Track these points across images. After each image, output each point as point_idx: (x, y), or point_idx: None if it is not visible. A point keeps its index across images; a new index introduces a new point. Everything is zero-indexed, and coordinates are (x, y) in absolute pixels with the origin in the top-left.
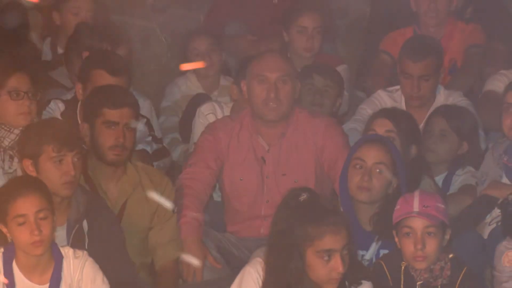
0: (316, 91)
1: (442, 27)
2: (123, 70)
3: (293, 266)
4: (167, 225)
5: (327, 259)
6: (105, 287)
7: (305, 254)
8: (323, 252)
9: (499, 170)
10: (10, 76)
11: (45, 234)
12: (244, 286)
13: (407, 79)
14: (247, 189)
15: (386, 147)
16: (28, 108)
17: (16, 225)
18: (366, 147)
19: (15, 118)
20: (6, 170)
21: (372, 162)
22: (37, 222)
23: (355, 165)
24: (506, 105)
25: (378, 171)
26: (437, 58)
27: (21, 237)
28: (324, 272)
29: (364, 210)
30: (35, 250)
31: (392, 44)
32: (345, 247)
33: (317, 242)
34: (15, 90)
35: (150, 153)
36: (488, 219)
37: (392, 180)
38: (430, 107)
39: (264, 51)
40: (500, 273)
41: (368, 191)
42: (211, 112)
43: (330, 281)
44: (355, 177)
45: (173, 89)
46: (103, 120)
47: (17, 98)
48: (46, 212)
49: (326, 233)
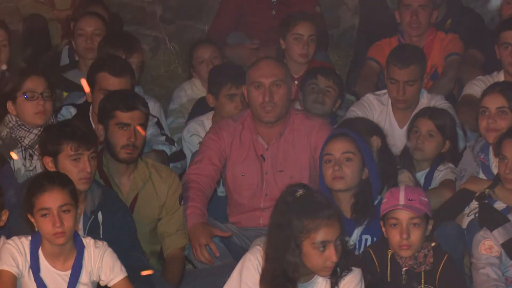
0: (319, 91)
1: (424, 37)
2: (124, 71)
3: (290, 256)
4: (174, 216)
5: (322, 250)
6: (122, 275)
7: (302, 245)
8: (319, 244)
9: (476, 167)
10: (26, 79)
11: (67, 226)
12: (244, 272)
13: (394, 84)
14: (248, 184)
15: (350, 138)
16: (43, 107)
17: (40, 217)
18: (332, 142)
19: (32, 118)
20: (27, 167)
21: (339, 153)
22: (60, 215)
23: (326, 161)
24: (482, 109)
25: (346, 160)
26: (421, 65)
27: (44, 228)
28: (319, 261)
29: (343, 199)
30: (57, 240)
31: (379, 52)
32: (338, 237)
33: (313, 234)
34: (31, 91)
35: (168, 155)
36: (466, 211)
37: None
38: (414, 109)
39: (260, 58)
40: (477, 260)
41: (341, 179)
42: (193, 134)
43: (324, 269)
44: (328, 170)
45: (180, 93)
46: (116, 121)
47: (32, 98)
48: (69, 206)
49: (321, 226)
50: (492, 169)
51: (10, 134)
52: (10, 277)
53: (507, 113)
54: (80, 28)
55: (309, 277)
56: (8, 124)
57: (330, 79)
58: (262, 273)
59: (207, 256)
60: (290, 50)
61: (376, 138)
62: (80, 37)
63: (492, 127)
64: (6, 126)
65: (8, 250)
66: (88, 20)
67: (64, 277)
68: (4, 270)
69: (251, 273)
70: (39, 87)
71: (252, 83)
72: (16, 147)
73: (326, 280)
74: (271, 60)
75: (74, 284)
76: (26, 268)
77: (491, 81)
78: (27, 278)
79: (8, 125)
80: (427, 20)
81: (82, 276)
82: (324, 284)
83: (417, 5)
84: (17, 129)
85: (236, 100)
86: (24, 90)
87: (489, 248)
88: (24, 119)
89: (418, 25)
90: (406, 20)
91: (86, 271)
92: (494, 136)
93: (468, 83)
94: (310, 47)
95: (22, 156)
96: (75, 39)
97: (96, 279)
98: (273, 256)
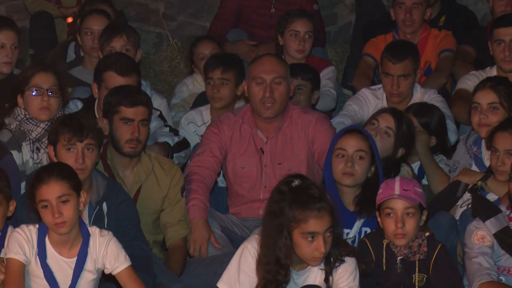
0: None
1: (417, 34)
2: (131, 70)
3: (281, 243)
4: (176, 207)
5: (311, 240)
6: (126, 264)
7: (293, 234)
8: (308, 234)
9: (469, 159)
10: (34, 74)
11: (66, 216)
12: (243, 260)
13: (388, 78)
14: (248, 176)
15: (364, 136)
16: (47, 103)
17: (41, 208)
18: (346, 138)
19: (37, 113)
20: (35, 160)
21: (352, 150)
22: (59, 206)
23: (337, 155)
24: (474, 104)
25: (359, 158)
26: (414, 59)
27: (46, 219)
28: (308, 251)
29: (347, 193)
30: (59, 230)
31: (374, 48)
32: (328, 230)
33: (302, 224)
34: (37, 87)
35: (171, 145)
36: (459, 202)
37: (371, 165)
38: (409, 103)
39: (262, 54)
40: (470, 249)
41: (351, 176)
42: (190, 121)
43: (313, 259)
44: (339, 165)
45: (181, 88)
46: (120, 117)
47: (37, 94)
48: (67, 197)
49: (311, 218)
50: (485, 161)
51: (19, 126)
52: (18, 264)
53: (498, 108)
54: (87, 27)
55: (303, 266)
56: (17, 117)
57: (298, 77)
58: (257, 260)
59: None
60: (287, 46)
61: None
62: (86, 36)
63: (484, 122)
64: (15, 119)
65: (15, 238)
66: (95, 19)
67: (70, 264)
68: (12, 258)
69: (249, 261)
70: (46, 83)
71: (253, 79)
72: (25, 140)
73: (321, 268)
74: (273, 56)
75: (79, 271)
76: (33, 255)
77: (484, 76)
78: (34, 264)
79: (17, 118)
80: (421, 17)
81: (88, 264)
82: (319, 274)
83: (410, 3)
84: (25, 122)
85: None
86: (31, 85)
87: (482, 238)
88: (30, 113)
89: (412, 23)
90: (400, 18)
91: (91, 259)
92: (486, 130)
93: (461, 78)
94: (306, 43)
95: (30, 148)
96: (81, 37)
97: (101, 267)
98: (267, 242)
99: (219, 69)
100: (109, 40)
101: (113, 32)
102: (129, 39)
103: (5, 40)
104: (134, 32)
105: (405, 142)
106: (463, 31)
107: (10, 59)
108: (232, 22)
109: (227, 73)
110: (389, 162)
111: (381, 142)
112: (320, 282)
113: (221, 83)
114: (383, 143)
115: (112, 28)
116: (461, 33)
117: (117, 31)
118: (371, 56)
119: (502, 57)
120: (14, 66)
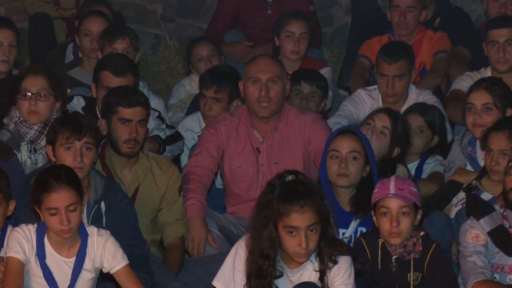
0: (303, 97)
1: (413, 35)
2: (126, 70)
3: (265, 234)
4: (174, 206)
5: (293, 235)
6: (124, 263)
7: (277, 226)
8: (289, 228)
9: (464, 159)
10: (23, 79)
11: (74, 223)
12: (237, 258)
13: (383, 78)
14: (244, 176)
15: (357, 137)
16: (35, 107)
17: (48, 215)
18: (339, 139)
19: (27, 116)
20: (32, 161)
21: (346, 152)
22: (67, 214)
23: (331, 156)
24: (469, 105)
25: (352, 159)
26: (409, 60)
27: (52, 225)
28: (290, 246)
29: (343, 193)
30: (64, 235)
31: (370, 50)
32: (311, 227)
33: (285, 218)
34: (24, 91)
35: (163, 138)
36: (454, 201)
37: (365, 165)
38: (404, 103)
39: (258, 54)
40: (464, 248)
41: (346, 176)
42: (187, 129)
43: (296, 254)
44: (333, 166)
45: (179, 89)
46: (118, 117)
47: (25, 98)
48: (75, 205)
49: (292, 212)
50: (479, 161)
51: (16, 128)
52: (17, 263)
53: (492, 108)
54: (86, 28)
55: (298, 264)
56: (13, 119)
57: (313, 85)
58: (247, 252)
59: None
60: (282, 47)
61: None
62: (85, 37)
63: (478, 123)
64: (11, 121)
65: (15, 237)
66: (93, 20)
67: (69, 263)
68: (12, 256)
69: (243, 259)
70: (34, 87)
71: (249, 78)
72: (23, 140)
73: (315, 267)
74: (268, 57)
75: (78, 271)
76: (32, 254)
77: (478, 77)
78: (34, 264)
79: (12, 119)
80: (415, 20)
81: (86, 263)
82: (314, 272)
83: (405, 6)
84: (19, 125)
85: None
86: (21, 88)
87: (476, 236)
88: (22, 116)
89: (406, 26)
90: (395, 20)
91: (90, 258)
92: (480, 131)
93: (456, 79)
94: (301, 44)
95: (28, 149)
96: (79, 38)
97: (99, 266)
98: (253, 234)
99: (212, 88)
100: (112, 41)
101: (116, 33)
102: (131, 42)
103: (2, 39)
104: (136, 35)
105: (401, 141)
106: (458, 33)
107: (7, 58)
108: (229, 24)
109: (220, 93)
110: (385, 162)
111: (377, 142)
112: (315, 280)
113: (213, 102)
114: (379, 142)
115: (115, 29)
116: (456, 35)
117: (121, 33)
118: (366, 57)
119: (496, 58)
120: (11, 65)
